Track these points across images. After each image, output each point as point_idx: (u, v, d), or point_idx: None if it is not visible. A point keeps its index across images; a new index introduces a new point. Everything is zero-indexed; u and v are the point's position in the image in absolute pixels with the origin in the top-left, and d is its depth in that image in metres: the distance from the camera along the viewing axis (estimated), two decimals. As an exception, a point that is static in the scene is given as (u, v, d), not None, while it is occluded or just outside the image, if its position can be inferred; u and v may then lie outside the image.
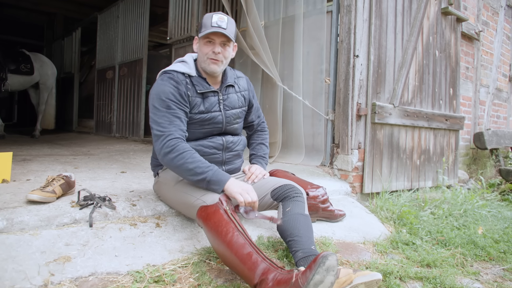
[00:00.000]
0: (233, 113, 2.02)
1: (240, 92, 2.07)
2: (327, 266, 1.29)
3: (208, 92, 1.92)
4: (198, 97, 1.90)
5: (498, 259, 2.25)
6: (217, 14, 1.84)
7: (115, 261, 1.59)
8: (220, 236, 1.53)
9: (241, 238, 1.50)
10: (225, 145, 1.99)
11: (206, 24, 1.83)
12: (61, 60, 8.72)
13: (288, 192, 1.86)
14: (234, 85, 2.05)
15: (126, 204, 1.96)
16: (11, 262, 1.43)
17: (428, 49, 3.78)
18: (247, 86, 2.13)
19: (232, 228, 1.53)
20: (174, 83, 1.84)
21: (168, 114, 1.79)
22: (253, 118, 2.24)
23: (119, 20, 6.66)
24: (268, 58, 3.62)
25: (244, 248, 1.48)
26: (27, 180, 2.40)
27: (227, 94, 2.01)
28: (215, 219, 1.59)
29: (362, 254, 2.08)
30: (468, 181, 4.56)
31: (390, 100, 3.36)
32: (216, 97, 1.96)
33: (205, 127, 1.94)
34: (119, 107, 6.56)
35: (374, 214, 2.78)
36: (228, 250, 1.50)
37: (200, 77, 1.93)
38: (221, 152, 1.98)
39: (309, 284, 1.29)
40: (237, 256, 1.47)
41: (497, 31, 5.47)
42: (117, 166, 3.26)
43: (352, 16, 3.07)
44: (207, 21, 1.83)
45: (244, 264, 1.45)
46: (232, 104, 2.01)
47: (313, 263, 1.32)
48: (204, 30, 1.83)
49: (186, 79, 1.88)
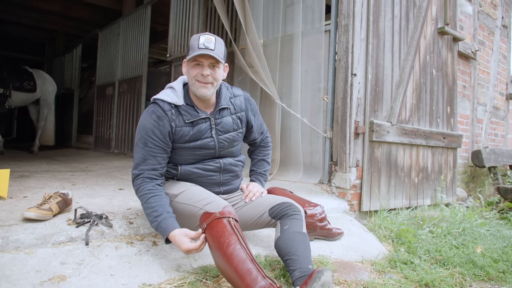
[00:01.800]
0: (227, 138, 1.95)
1: (235, 114, 1.99)
2: (322, 282, 1.29)
3: (197, 120, 1.87)
4: (186, 126, 1.85)
5: (497, 279, 2.23)
6: (204, 35, 1.79)
7: (111, 280, 1.57)
8: (222, 247, 1.51)
9: (243, 253, 1.48)
10: (222, 168, 1.97)
11: (193, 46, 1.78)
12: (62, 76, 8.79)
13: (286, 210, 1.85)
14: (229, 107, 1.96)
15: (123, 222, 1.95)
16: (5, 282, 1.41)
17: (425, 68, 3.82)
18: (244, 106, 2.03)
19: (234, 241, 1.51)
20: (156, 119, 1.80)
21: (143, 151, 1.81)
22: (256, 136, 2.18)
23: (120, 37, 6.74)
24: (267, 76, 3.66)
25: (245, 263, 1.46)
26: (24, 197, 2.40)
27: (221, 118, 1.93)
28: (218, 228, 1.57)
29: (360, 273, 2.06)
30: (466, 199, 4.55)
31: (387, 118, 3.38)
32: (207, 123, 1.90)
33: (197, 153, 1.91)
34: (118, 123, 6.58)
35: (372, 232, 2.76)
36: (228, 263, 1.48)
37: (188, 105, 1.87)
38: (218, 174, 1.97)
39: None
40: (237, 270, 1.45)
41: (493, 51, 5.55)
42: (115, 183, 3.25)
43: (349, 35, 3.11)
44: (194, 43, 1.78)
45: (243, 280, 1.43)
46: (225, 128, 1.94)
47: (308, 278, 1.31)
48: (191, 52, 1.78)
49: (172, 110, 1.83)
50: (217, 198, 1.76)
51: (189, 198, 1.80)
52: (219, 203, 1.70)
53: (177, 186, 1.90)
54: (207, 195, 1.77)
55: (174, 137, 1.85)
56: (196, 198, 1.77)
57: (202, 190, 1.84)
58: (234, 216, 1.64)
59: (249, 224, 1.95)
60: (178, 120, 1.84)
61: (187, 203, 1.79)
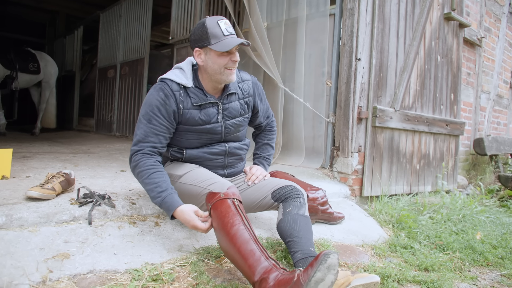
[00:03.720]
0: (234, 123, 1.94)
1: (243, 99, 1.97)
2: (328, 264, 1.29)
3: (205, 103, 1.85)
4: (194, 109, 1.83)
5: (495, 265, 2.24)
6: (222, 20, 1.74)
7: (114, 259, 1.59)
8: (226, 227, 1.51)
9: (246, 233, 1.49)
10: (227, 151, 1.96)
11: (217, 35, 1.71)
12: (63, 58, 8.72)
13: (289, 193, 1.86)
14: (237, 92, 1.93)
15: (125, 202, 1.96)
16: (10, 258, 1.43)
17: (430, 54, 3.79)
18: (252, 91, 2.00)
19: (238, 221, 1.52)
20: (163, 97, 1.77)
21: (146, 128, 1.77)
22: (261, 121, 2.16)
23: (121, 19, 6.67)
24: (270, 60, 3.63)
25: (248, 243, 1.46)
26: (26, 177, 2.40)
27: (228, 103, 1.91)
28: (222, 208, 1.57)
29: (360, 256, 2.08)
30: (467, 187, 4.57)
31: (391, 104, 3.37)
32: (215, 107, 1.87)
33: (203, 137, 1.89)
34: (120, 106, 6.57)
35: (373, 217, 2.78)
36: (231, 243, 1.48)
37: (197, 87, 1.84)
38: (223, 157, 1.97)
39: (310, 281, 1.28)
40: (240, 251, 1.45)
41: (499, 38, 5.49)
42: (117, 165, 3.26)
43: (354, 19, 3.08)
44: (217, 31, 1.71)
45: (246, 260, 1.43)
46: (232, 113, 1.92)
47: (315, 260, 1.31)
48: (217, 41, 1.71)
49: (180, 91, 1.80)
50: (221, 178, 1.76)
51: (193, 178, 1.79)
52: (224, 183, 1.69)
53: (181, 168, 1.89)
54: (211, 176, 1.77)
55: (180, 119, 1.82)
56: (200, 178, 1.76)
57: (206, 171, 1.84)
58: (238, 197, 1.64)
59: (252, 206, 1.96)
60: (186, 102, 1.81)
61: (191, 184, 1.78)
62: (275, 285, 1.34)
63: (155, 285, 1.49)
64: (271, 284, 1.35)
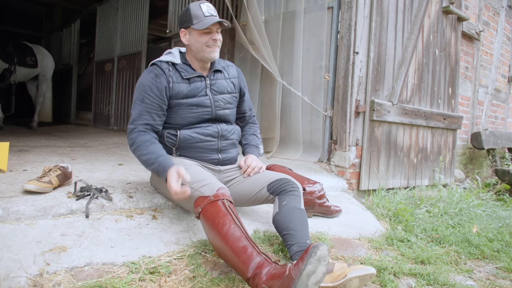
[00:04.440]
0: (223, 98, 2.04)
1: (229, 78, 2.10)
2: (318, 256, 1.30)
3: (194, 77, 1.97)
4: (183, 83, 1.94)
5: (491, 258, 2.26)
6: (204, 3, 1.91)
7: (111, 252, 1.59)
8: (217, 227, 1.53)
9: (238, 231, 1.50)
10: (220, 133, 1.99)
11: (198, 15, 1.88)
12: (60, 51, 8.67)
13: (285, 186, 1.86)
14: (223, 71, 2.09)
15: (122, 195, 1.96)
16: (7, 251, 1.43)
17: (428, 48, 3.78)
18: (237, 74, 2.16)
19: (229, 220, 1.52)
20: (154, 76, 1.90)
21: (140, 107, 1.88)
22: (246, 110, 2.25)
23: (119, 12, 6.62)
24: (268, 53, 3.62)
25: (240, 241, 1.47)
26: (23, 170, 2.40)
27: (216, 79, 2.04)
28: (212, 210, 1.58)
29: (357, 250, 2.09)
30: (464, 181, 4.58)
31: (389, 97, 3.37)
32: (203, 82, 1.99)
33: (194, 111, 1.96)
34: (118, 100, 6.54)
35: (370, 210, 2.79)
36: (224, 242, 1.49)
37: (185, 64, 1.98)
38: (216, 140, 1.99)
39: (301, 274, 1.29)
40: (232, 248, 1.46)
41: (498, 32, 5.48)
42: (114, 159, 3.26)
43: (353, 13, 3.06)
44: (198, 12, 1.89)
45: (239, 257, 1.44)
46: (220, 89, 2.04)
47: (304, 254, 1.32)
48: (198, 21, 1.88)
49: (169, 67, 1.94)
50: (213, 180, 1.76)
51: None
52: (214, 185, 1.69)
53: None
54: (204, 177, 1.76)
55: (171, 93, 1.92)
56: (194, 179, 1.76)
57: (199, 171, 1.83)
58: (228, 197, 1.65)
59: (248, 199, 1.97)
60: (175, 76, 1.94)
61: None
62: (268, 280, 1.35)
63: (152, 277, 1.49)
64: (263, 280, 1.36)
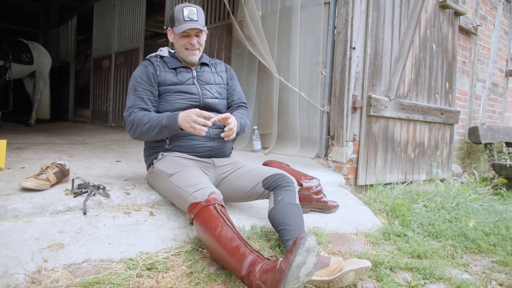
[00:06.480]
0: (210, 87, 2.12)
1: (216, 72, 2.20)
2: (307, 247, 1.31)
3: (180, 67, 2.09)
4: (170, 72, 2.07)
5: (487, 252, 2.28)
6: (187, 7, 1.99)
7: (109, 248, 1.60)
8: (210, 230, 1.55)
9: (230, 232, 1.52)
10: None
11: (179, 19, 1.99)
12: (57, 48, 8.65)
13: (279, 181, 1.87)
14: (210, 66, 2.19)
15: (120, 192, 1.97)
16: (5, 249, 1.44)
17: (425, 43, 3.78)
18: (225, 69, 2.27)
19: (221, 223, 1.54)
20: (143, 67, 2.05)
21: (133, 96, 2.02)
22: (235, 99, 2.26)
23: (116, 8, 6.60)
24: (265, 49, 3.62)
25: (233, 241, 1.49)
26: (21, 168, 2.40)
27: (202, 71, 2.14)
28: (205, 214, 1.60)
29: (354, 244, 2.10)
30: (461, 175, 4.60)
31: (386, 93, 3.37)
32: (189, 73, 2.11)
33: (182, 97, 2.04)
34: (115, 97, 6.54)
35: (367, 206, 2.80)
36: (217, 244, 1.51)
37: (173, 57, 2.11)
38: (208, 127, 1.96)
39: (291, 266, 1.30)
40: (226, 249, 1.48)
41: (495, 26, 5.48)
42: (112, 155, 3.26)
43: (349, 8, 3.06)
44: (179, 15, 1.98)
45: (232, 257, 1.46)
46: (207, 79, 2.13)
47: (293, 246, 1.33)
48: (177, 24, 1.99)
49: (157, 59, 2.09)
50: (207, 183, 1.77)
51: (181, 181, 1.82)
52: (207, 189, 1.71)
53: (172, 165, 1.92)
54: (198, 181, 1.77)
55: (159, 80, 2.04)
56: (188, 182, 1.77)
57: (194, 174, 1.84)
58: (219, 202, 1.66)
59: (243, 195, 1.98)
60: (162, 66, 2.08)
61: (179, 186, 1.81)
62: (261, 276, 1.37)
63: (150, 273, 1.50)
64: (257, 276, 1.38)
